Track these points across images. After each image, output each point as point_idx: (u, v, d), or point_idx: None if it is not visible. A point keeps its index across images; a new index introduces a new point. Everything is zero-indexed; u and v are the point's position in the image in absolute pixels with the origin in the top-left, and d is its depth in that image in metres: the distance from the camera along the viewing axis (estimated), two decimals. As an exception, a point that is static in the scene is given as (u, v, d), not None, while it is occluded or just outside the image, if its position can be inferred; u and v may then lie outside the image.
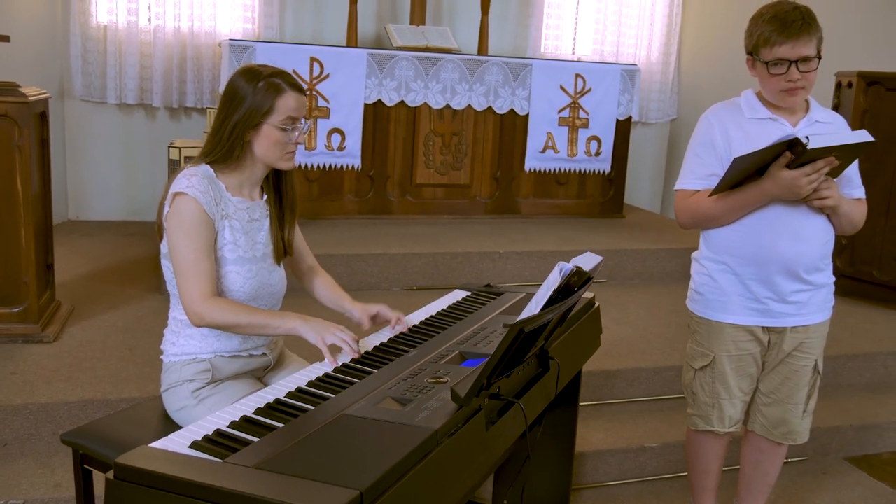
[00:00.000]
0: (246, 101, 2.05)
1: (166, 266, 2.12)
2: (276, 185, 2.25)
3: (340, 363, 1.92)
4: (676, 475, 3.20)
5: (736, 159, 2.19)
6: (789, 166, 2.17)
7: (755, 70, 2.32)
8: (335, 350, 1.98)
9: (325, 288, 2.39)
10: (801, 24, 2.19)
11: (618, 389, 3.51)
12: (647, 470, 3.20)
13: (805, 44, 2.20)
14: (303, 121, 2.14)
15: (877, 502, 3.17)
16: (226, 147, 2.08)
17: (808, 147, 2.07)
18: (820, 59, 2.26)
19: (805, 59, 2.21)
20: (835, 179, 2.31)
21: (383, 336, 2.13)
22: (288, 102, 2.06)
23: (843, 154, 2.19)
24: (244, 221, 2.14)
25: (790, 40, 2.19)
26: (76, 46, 5.48)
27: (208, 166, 2.10)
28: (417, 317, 2.30)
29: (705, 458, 2.63)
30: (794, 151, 2.13)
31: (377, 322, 2.27)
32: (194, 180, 2.03)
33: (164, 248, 2.11)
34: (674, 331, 3.98)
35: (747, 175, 2.25)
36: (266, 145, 2.08)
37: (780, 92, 2.27)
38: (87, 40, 5.52)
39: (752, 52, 2.29)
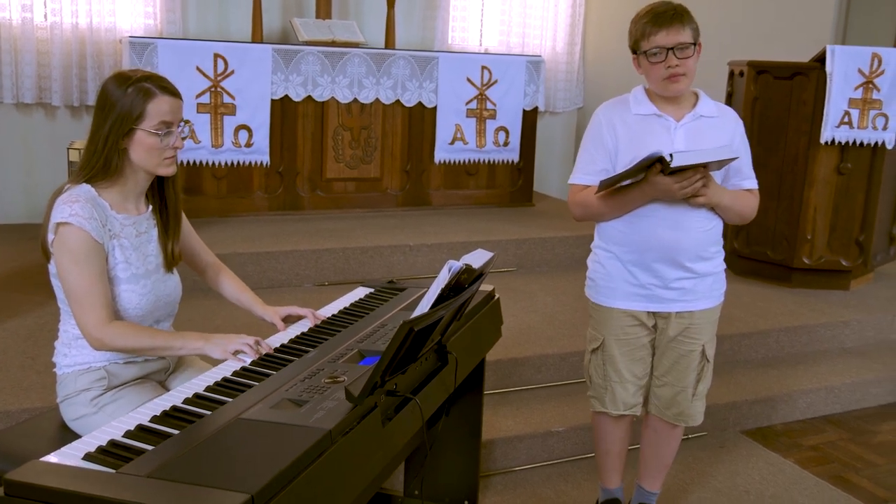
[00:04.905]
0: (116, 108, 2.00)
1: (56, 285, 2.08)
2: (160, 192, 2.20)
3: (247, 362, 1.96)
4: (583, 456, 3.31)
5: (602, 182, 2.38)
6: (663, 172, 2.30)
7: (640, 67, 2.45)
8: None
9: (234, 289, 2.40)
10: (672, 13, 2.36)
11: (525, 376, 3.60)
12: (555, 453, 3.30)
13: (678, 31, 2.35)
14: (181, 125, 2.10)
15: (770, 471, 3.35)
16: (101, 159, 2.02)
17: (672, 165, 2.22)
18: (697, 46, 2.39)
19: (682, 47, 2.35)
20: (725, 170, 2.47)
21: (292, 333, 2.18)
22: (160, 106, 2.02)
23: (713, 163, 2.35)
24: (132, 237, 2.11)
25: (663, 28, 2.34)
26: (-33, 45, 5.28)
27: (89, 186, 2.05)
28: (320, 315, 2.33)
29: (606, 439, 2.75)
30: (662, 164, 2.26)
31: (290, 322, 2.30)
32: (77, 207, 1.97)
33: (52, 268, 2.06)
34: (580, 316, 4.10)
35: (630, 178, 2.37)
36: (141, 152, 2.03)
37: (663, 80, 2.39)
38: (-22, 38, 5.32)
39: (635, 48, 2.43)
